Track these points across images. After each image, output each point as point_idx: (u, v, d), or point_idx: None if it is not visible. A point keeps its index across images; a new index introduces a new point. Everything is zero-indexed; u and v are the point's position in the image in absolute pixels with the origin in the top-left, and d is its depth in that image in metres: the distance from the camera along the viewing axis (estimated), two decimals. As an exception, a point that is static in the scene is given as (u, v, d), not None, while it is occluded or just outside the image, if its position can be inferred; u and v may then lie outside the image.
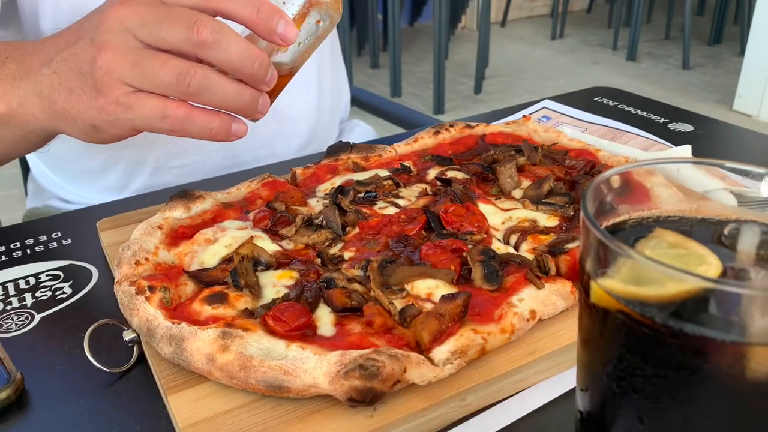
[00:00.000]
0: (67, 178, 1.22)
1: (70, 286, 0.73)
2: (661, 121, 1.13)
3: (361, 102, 1.73)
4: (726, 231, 0.45)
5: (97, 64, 0.64)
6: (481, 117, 1.18)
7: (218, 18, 0.65)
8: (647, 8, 6.52)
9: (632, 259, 0.36)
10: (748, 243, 0.44)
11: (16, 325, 0.67)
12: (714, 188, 0.82)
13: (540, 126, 0.96)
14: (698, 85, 4.95)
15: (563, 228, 0.73)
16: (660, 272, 0.35)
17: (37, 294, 0.72)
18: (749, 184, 0.90)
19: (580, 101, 1.22)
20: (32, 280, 0.74)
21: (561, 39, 6.24)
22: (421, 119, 1.61)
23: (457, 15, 6.26)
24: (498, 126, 0.97)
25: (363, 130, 1.52)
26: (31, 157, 1.28)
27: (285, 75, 0.70)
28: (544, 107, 1.18)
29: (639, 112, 1.18)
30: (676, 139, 1.06)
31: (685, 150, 0.92)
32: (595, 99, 1.24)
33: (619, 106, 1.20)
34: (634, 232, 0.46)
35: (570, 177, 0.83)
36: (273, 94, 0.70)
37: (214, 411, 0.53)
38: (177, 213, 0.74)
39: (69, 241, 0.82)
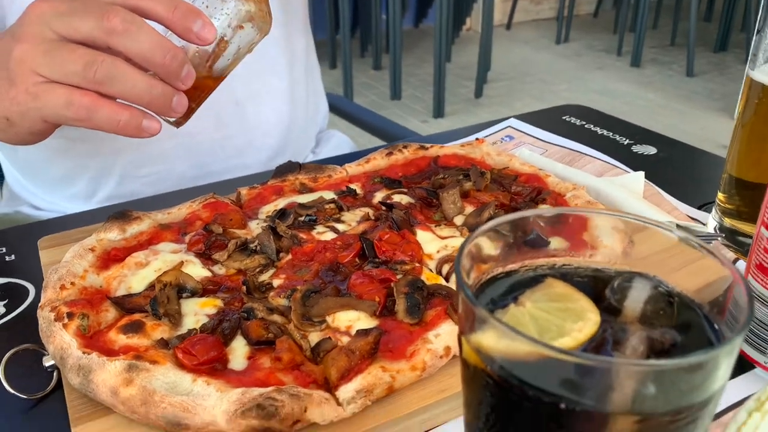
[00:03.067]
0: (37, 184, 1.22)
1: (4, 305, 0.74)
2: (626, 142, 1.12)
3: (342, 112, 1.73)
4: (615, 284, 0.44)
5: (12, 55, 0.66)
6: (447, 135, 1.18)
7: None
8: (653, 13, 6.49)
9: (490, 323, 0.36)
10: (635, 297, 0.44)
11: (-57, 345, 0.67)
12: (658, 221, 0.81)
13: (493, 149, 0.96)
14: (702, 93, 4.92)
15: (498, 258, 0.73)
16: (513, 338, 0.34)
17: (-30, 313, 0.72)
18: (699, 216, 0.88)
19: (548, 120, 1.21)
20: (-32, 298, 0.75)
21: (566, 43, 6.21)
22: (402, 132, 1.60)
23: (461, 17, 6.23)
24: (452, 148, 0.96)
25: (339, 140, 1.52)
26: (4, 163, 1.28)
27: (210, 79, 0.70)
28: (509, 126, 1.17)
29: (605, 132, 1.17)
30: (638, 161, 1.05)
31: (638, 177, 0.92)
32: (563, 117, 1.23)
33: (585, 126, 1.20)
34: (526, 281, 0.46)
35: (515, 203, 0.83)
36: (195, 99, 0.70)
37: (114, 445, 0.53)
38: (112, 234, 0.75)
39: (12, 257, 0.83)
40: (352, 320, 0.62)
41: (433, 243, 0.75)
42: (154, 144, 1.13)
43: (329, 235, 0.76)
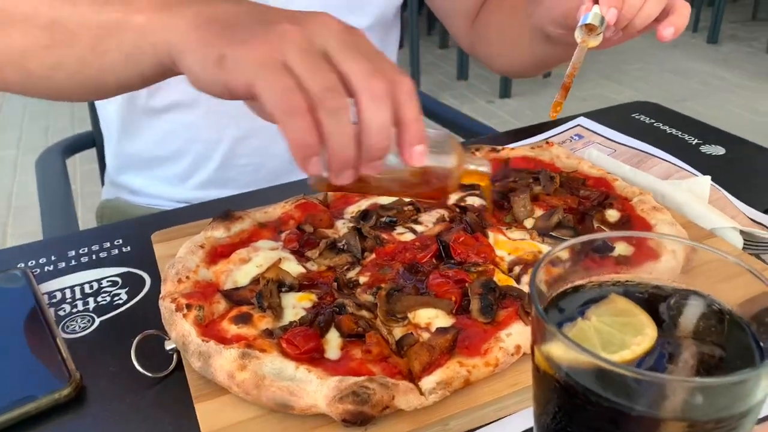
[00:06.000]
0: (139, 165, 1.33)
1: (126, 292, 0.85)
2: (694, 142, 1.15)
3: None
4: (672, 301, 0.50)
5: (282, 26, 0.62)
6: (511, 134, 1.23)
7: None
8: (735, -14, 6.22)
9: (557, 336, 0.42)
10: (689, 314, 0.49)
11: (79, 327, 0.78)
12: (721, 226, 0.86)
13: (563, 151, 1.01)
14: (783, 71, 4.73)
15: (566, 261, 0.78)
16: (578, 351, 0.41)
17: (98, 299, 0.83)
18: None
19: (617, 117, 1.24)
20: (95, 285, 0.86)
21: (639, 19, 6.04)
22: (472, 125, 1.64)
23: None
24: (522, 150, 1.02)
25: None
26: (107, 150, 1.40)
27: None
28: (579, 125, 1.21)
29: (674, 131, 1.19)
30: (706, 163, 1.08)
31: (705, 181, 0.95)
32: (632, 115, 1.26)
33: (654, 124, 1.22)
34: (591, 294, 0.52)
35: (582, 207, 0.88)
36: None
37: (231, 420, 0.62)
38: (218, 233, 0.84)
39: (128, 248, 0.94)
40: (431, 317, 0.70)
41: (505, 245, 0.81)
42: (253, 138, 1.23)
43: (408, 236, 0.84)
